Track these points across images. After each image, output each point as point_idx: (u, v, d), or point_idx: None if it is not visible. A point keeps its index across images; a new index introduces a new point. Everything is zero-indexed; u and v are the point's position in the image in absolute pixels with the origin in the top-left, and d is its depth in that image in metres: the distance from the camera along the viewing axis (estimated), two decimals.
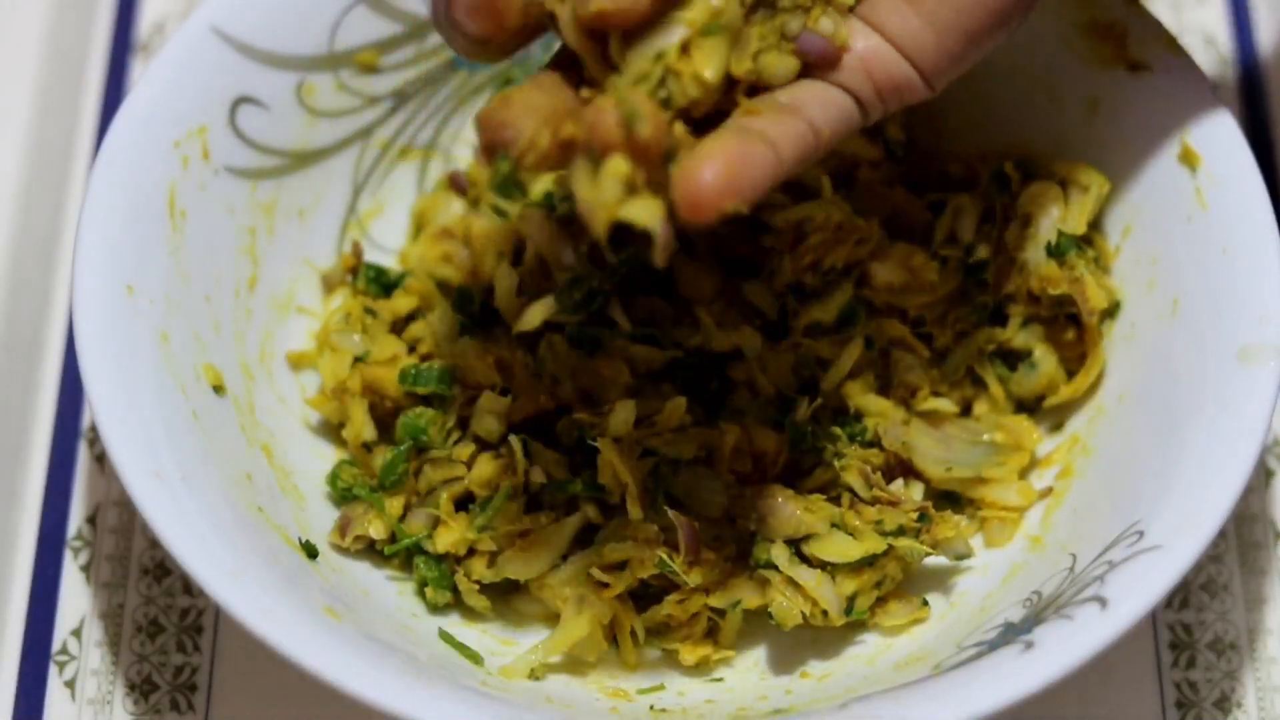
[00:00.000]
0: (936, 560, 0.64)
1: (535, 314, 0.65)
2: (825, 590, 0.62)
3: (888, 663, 0.61)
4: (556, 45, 0.53)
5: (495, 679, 0.61)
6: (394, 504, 0.65)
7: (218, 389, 0.63)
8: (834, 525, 0.62)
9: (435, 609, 0.65)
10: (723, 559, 0.63)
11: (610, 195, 0.49)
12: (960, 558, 0.63)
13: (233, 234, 0.67)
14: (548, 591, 0.64)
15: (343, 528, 0.65)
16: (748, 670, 0.64)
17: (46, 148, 0.78)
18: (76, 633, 0.66)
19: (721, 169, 0.50)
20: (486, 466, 0.64)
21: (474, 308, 0.68)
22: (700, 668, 0.63)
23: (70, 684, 0.65)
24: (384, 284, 0.69)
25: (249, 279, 0.67)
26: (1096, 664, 0.53)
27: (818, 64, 0.54)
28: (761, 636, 0.64)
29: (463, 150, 0.74)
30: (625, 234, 0.51)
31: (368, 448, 0.66)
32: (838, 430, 0.65)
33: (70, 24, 0.81)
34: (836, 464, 0.63)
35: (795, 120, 0.53)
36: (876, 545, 0.61)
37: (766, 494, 0.62)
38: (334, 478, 0.66)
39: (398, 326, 0.68)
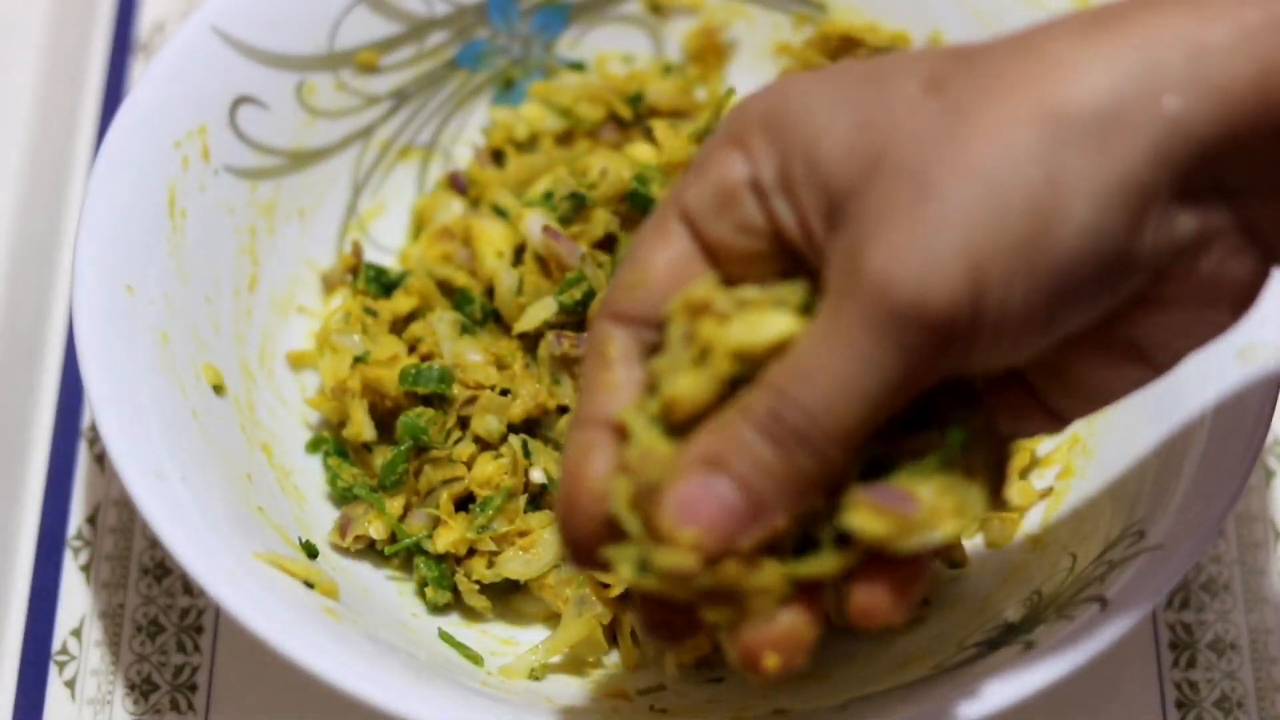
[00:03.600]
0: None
1: (535, 314, 0.65)
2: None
3: (888, 663, 0.61)
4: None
5: (495, 679, 0.61)
6: (394, 504, 0.65)
7: (218, 389, 0.63)
8: None
9: (435, 609, 0.65)
10: None
11: None
12: (955, 566, 0.64)
13: (233, 234, 0.67)
14: (548, 591, 0.64)
15: (343, 528, 0.65)
16: None
17: (46, 148, 0.78)
18: (76, 633, 0.66)
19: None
20: (486, 466, 0.64)
21: (474, 308, 0.68)
22: (700, 668, 0.63)
23: (70, 684, 0.65)
24: (384, 284, 0.69)
25: (249, 279, 0.67)
26: (1096, 664, 0.53)
27: None
28: None
29: (463, 150, 0.73)
30: None
31: (368, 448, 0.66)
32: None
33: (70, 24, 0.81)
34: None
35: None
36: None
37: None
38: (334, 478, 0.66)
39: (398, 326, 0.68)
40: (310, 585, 0.59)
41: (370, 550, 0.65)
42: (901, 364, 0.44)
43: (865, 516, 0.45)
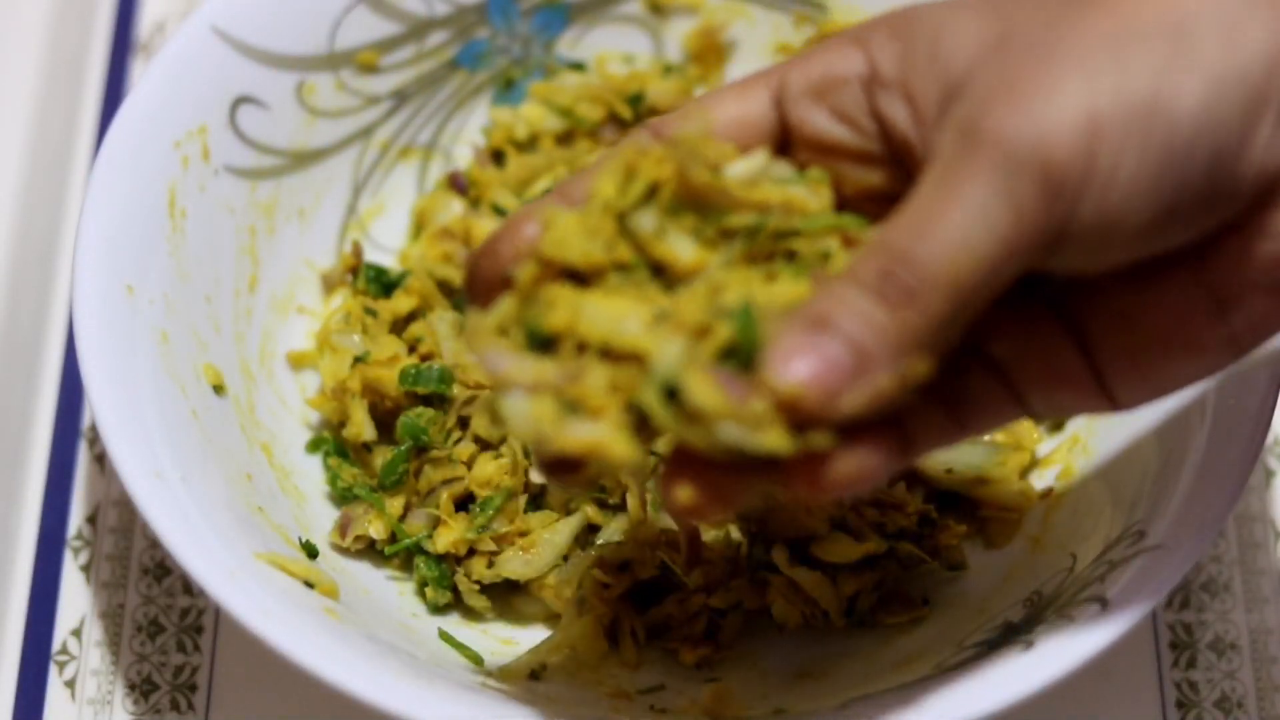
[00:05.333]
0: None
1: None
2: (825, 591, 0.62)
3: (888, 663, 0.61)
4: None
5: (495, 679, 0.61)
6: (394, 504, 0.65)
7: (218, 389, 0.63)
8: (835, 526, 0.62)
9: (435, 609, 0.65)
10: (723, 559, 0.63)
11: None
12: (955, 568, 0.63)
13: (233, 234, 0.67)
14: (548, 591, 0.64)
15: (343, 528, 0.65)
16: (748, 670, 0.64)
17: (46, 148, 0.78)
18: (76, 633, 0.66)
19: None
20: (486, 466, 0.64)
21: None
22: (700, 668, 0.63)
23: (70, 684, 0.65)
24: (384, 284, 0.69)
25: (249, 279, 0.67)
26: (1096, 664, 0.53)
27: None
28: (762, 636, 0.64)
29: (463, 150, 0.74)
30: None
31: (368, 448, 0.66)
32: None
33: (70, 24, 0.81)
34: None
35: None
36: (878, 546, 0.61)
37: None
38: (334, 478, 0.66)
39: (398, 326, 0.68)
40: (310, 585, 0.59)
41: (370, 550, 0.65)
42: (1012, 217, 0.44)
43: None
